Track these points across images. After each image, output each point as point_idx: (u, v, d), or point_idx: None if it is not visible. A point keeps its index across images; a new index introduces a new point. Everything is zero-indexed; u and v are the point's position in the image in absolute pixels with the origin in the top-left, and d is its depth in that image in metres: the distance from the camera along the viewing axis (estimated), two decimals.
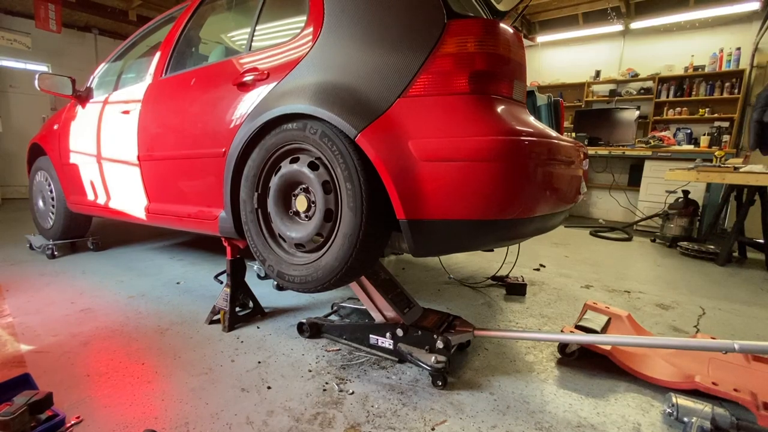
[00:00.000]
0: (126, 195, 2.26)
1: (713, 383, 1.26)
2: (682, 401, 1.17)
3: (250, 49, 1.69)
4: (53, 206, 2.92)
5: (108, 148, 2.31)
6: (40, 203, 3.08)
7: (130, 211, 2.24)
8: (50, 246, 2.79)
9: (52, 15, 5.23)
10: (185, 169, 1.83)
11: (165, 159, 1.93)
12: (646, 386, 1.36)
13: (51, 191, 2.92)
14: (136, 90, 2.15)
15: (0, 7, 5.61)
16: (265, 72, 1.53)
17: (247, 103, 1.55)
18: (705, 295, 2.42)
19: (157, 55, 2.12)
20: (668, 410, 1.18)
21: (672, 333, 1.84)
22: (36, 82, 2.49)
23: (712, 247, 3.47)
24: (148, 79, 2.10)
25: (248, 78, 1.57)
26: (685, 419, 1.13)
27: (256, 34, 1.71)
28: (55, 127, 2.82)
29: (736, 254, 3.47)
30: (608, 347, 1.43)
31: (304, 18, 1.50)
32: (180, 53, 2.09)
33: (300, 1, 1.56)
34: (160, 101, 1.98)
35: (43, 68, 6.22)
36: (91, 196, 2.56)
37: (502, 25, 1.19)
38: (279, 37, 1.60)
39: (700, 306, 2.22)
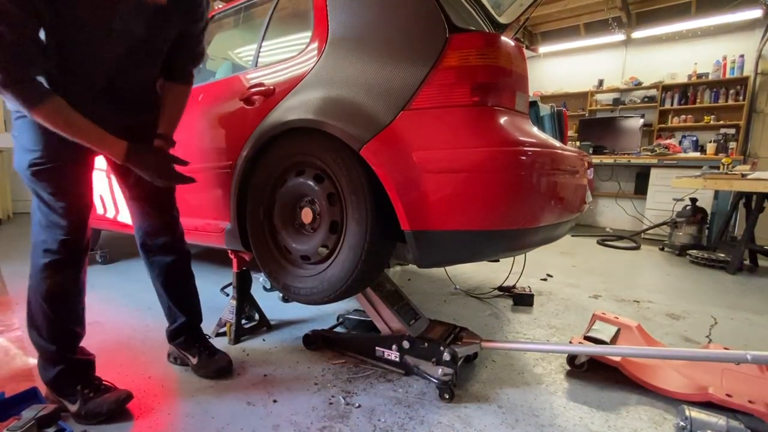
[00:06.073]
0: None
1: (727, 395, 1.23)
2: (696, 414, 1.14)
3: (256, 65, 1.73)
4: None
5: None
6: None
7: None
8: None
9: None
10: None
11: None
12: (658, 398, 1.33)
13: None
14: None
15: None
16: (272, 87, 1.56)
17: (254, 117, 1.58)
18: (716, 304, 2.38)
19: None
20: (681, 423, 1.15)
21: (683, 343, 1.81)
22: None
23: (722, 255, 3.42)
24: None
25: (255, 93, 1.60)
26: None
27: (262, 50, 1.75)
28: None
29: (746, 262, 3.41)
30: (618, 358, 1.41)
31: (309, 34, 1.53)
32: None
33: (305, 17, 1.59)
34: None
35: None
36: (100, 210, 2.59)
37: (503, 38, 1.20)
38: (285, 53, 1.64)
39: (712, 315, 2.18)
